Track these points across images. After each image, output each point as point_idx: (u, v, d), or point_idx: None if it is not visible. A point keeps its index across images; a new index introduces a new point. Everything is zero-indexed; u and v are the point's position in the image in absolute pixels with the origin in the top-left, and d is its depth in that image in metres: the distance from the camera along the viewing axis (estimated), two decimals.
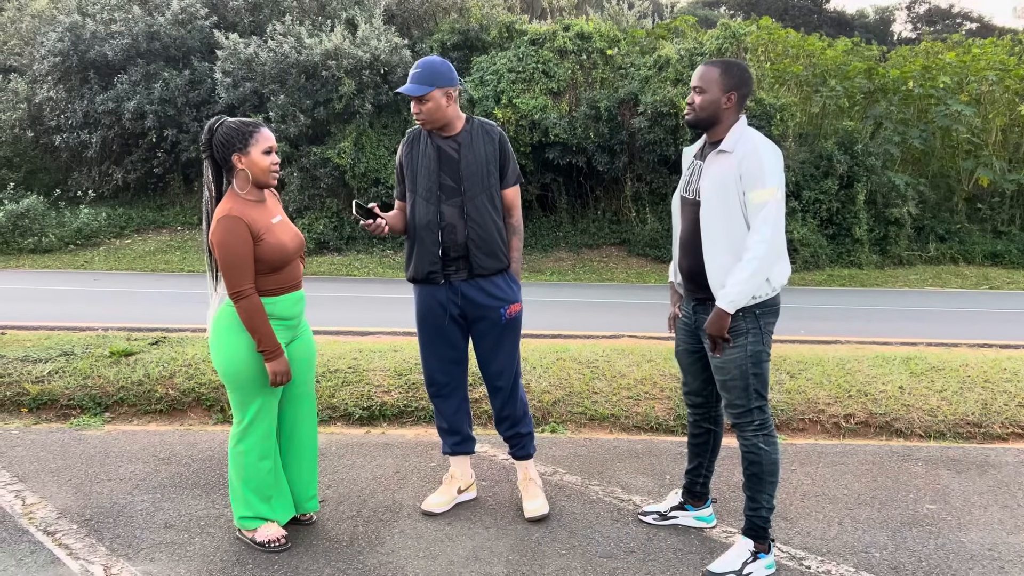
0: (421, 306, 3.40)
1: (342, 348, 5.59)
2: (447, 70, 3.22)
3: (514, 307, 3.38)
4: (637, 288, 12.62)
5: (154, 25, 15.67)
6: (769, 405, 3.00)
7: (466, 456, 3.60)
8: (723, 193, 2.87)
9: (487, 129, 3.34)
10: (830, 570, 3.03)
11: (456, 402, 3.52)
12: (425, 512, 3.46)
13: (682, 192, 3.11)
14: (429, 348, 3.45)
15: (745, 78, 2.94)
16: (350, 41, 14.53)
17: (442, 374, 3.47)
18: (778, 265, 2.89)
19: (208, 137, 2.99)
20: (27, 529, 3.21)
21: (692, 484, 3.36)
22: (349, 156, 14.31)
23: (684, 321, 3.19)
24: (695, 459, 3.33)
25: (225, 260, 2.89)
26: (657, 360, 5.45)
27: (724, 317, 2.83)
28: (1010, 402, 4.91)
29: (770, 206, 2.79)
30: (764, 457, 2.94)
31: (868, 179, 15.03)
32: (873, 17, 35.99)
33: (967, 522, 3.49)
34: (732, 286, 2.80)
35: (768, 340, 2.95)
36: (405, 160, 3.35)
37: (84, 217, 15.08)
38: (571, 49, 15.00)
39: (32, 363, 5.06)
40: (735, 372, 2.91)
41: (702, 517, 3.38)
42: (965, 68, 16.48)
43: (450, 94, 3.22)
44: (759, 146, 2.86)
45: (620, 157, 14.84)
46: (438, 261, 3.28)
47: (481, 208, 3.26)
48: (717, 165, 2.91)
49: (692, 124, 3.01)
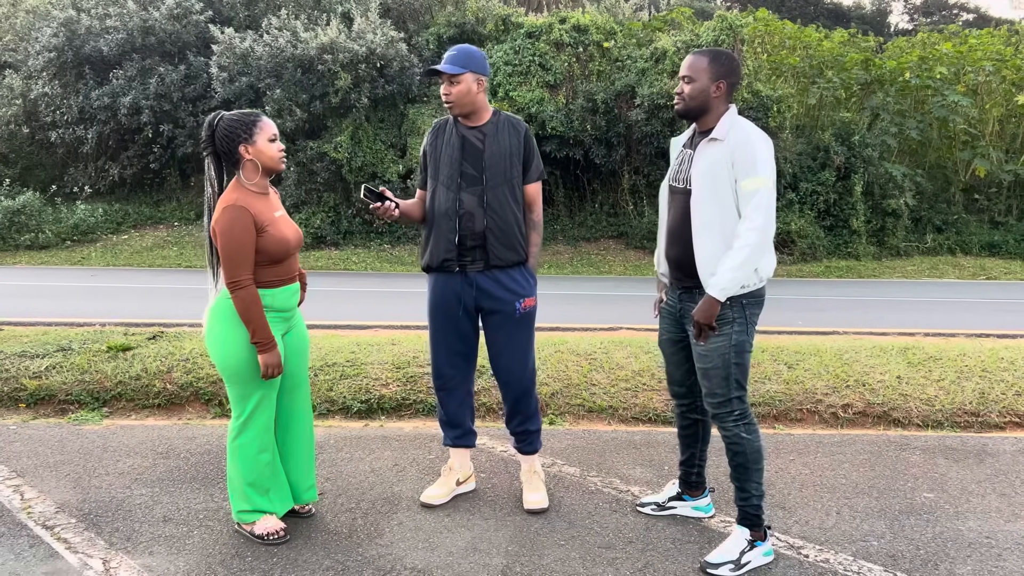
0: (434, 296, 3.38)
1: (340, 342, 5.58)
2: (481, 57, 3.27)
3: (528, 301, 3.35)
4: (634, 280, 12.63)
5: (149, 20, 15.62)
6: (747, 396, 3.00)
7: (466, 449, 3.60)
8: (714, 181, 2.86)
9: (513, 123, 3.35)
10: (828, 559, 3.04)
11: (460, 396, 3.51)
12: (424, 504, 3.46)
13: (671, 181, 3.09)
14: (439, 339, 3.43)
15: (733, 67, 2.94)
16: (346, 35, 14.49)
17: (450, 366, 3.44)
18: (766, 256, 2.88)
19: (209, 132, 2.98)
20: (26, 523, 3.21)
21: (687, 475, 3.37)
22: (346, 150, 14.29)
23: (668, 309, 3.18)
24: (687, 450, 3.34)
25: (226, 248, 2.88)
26: (655, 352, 5.45)
27: (714, 305, 2.82)
28: (1007, 391, 4.92)
29: (762, 194, 2.78)
30: (747, 446, 2.94)
31: (865, 170, 15.04)
32: (870, 8, 35.93)
33: (964, 510, 3.50)
34: (723, 273, 2.79)
35: (752, 331, 2.95)
36: (429, 149, 3.37)
37: (80, 213, 15.06)
38: (567, 42, 14.98)
39: (30, 358, 5.05)
40: (717, 360, 2.91)
41: (699, 507, 3.37)
42: (962, 59, 16.48)
43: (480, 81, 3.25)
44: (751, 135, 2.85)
45: (617, 150, 14.83)
46: (454, 249, 3.27)
47: (501, 199, 3.25)
48: (708, 153, 2.90)
49: (682, 114, 3.00)
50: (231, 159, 3.00)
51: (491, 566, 2.94)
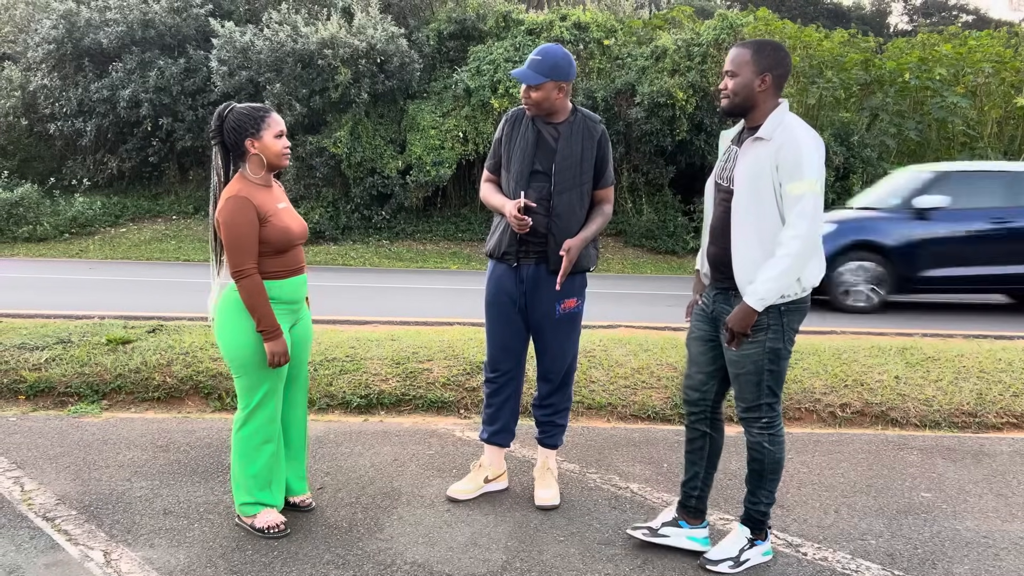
0: (491, 287, 3.40)
1: (339, 337, 5.59)
2: (567, 64, 3.19)
3: (568, 303, 3.33)
4: (633, 278, 12.64)
5: (149, 13, 15.58)
6: (780, 404, 2.89)
7: (501, 448, 3.57)
8: (756, 183, 2.72)
9: (590, 127, 3.28)
10: (827, 557, 3.05)
11: (507, 393, 3.49)
12: (450, 498, 3.45)
13: (716, 178, 2.95)
14: (492, 332, 3.44)
15: (780, 58, 2.75)
16: (346, 30, 14.47)
17: (500, 361, 3.44)
18: (811, 264, 2.73)
19: (218, 123, 3.01)
20: (26, 515, 3.21)
21: (687, 498, 3.11)
22: (345, 145, 14.27)
23: (702, 308, 3.02)
24: (691, 468, 3.10)
25: (230, 238, 2.91)
26: (654, 349, 5.46)
27: (751, 315, 2.70)
28: (1005, 392, 4.94)
29: (807, 199, 2.63)
30: (768, 456, 2.87)
31: (864, 171, 15.04)
32: (869, 9, 35.93)
33: (962, 510, 3.52)
34: (762, 283, 2.66)
35: (791, 339, 2.81)
36: (505, 138, 3.35)
37: (79, 206, 15.02)
38: (568, 39, 14.96)
39: (29, 350, 5.05)
40: (750, 367, 2.80)
41: (696, 538, 3.06)
42: (961, 60, 16.48)
43: (562, 87, 3.20)
44: (799, 135, 2.69)
45: (616, 148, 14.83)
46: (515, 243, 3.28)
47: (568, 204, 3.23)
48: (753, 152, 2.75)
49: (727, 111, 2.84)
50: (237, 151, 3.02)
51: (491, 561, 2.95)
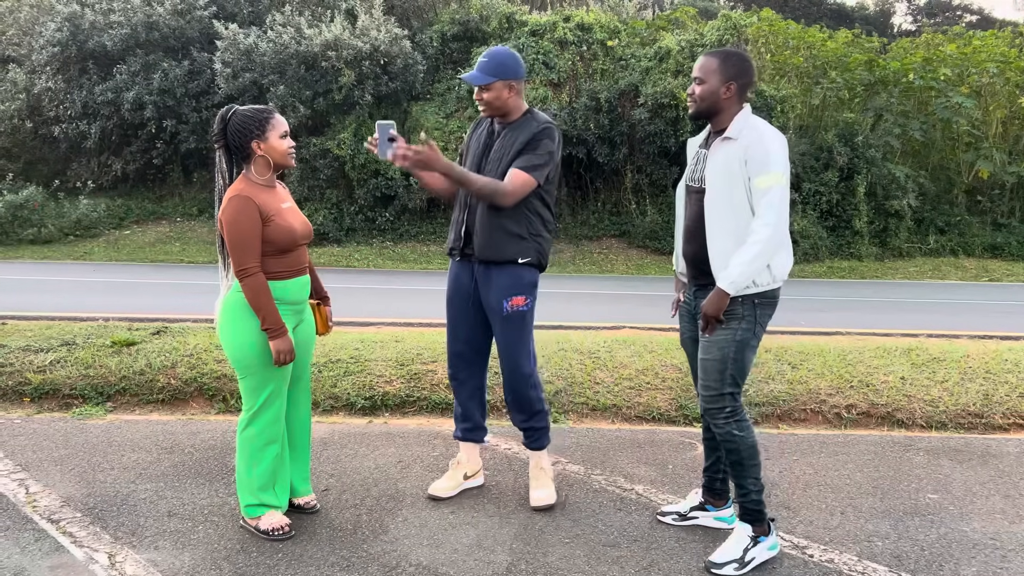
0: (450, 282, 3.46)
1: (343, 338, 5.58)
2: (513, 64, 3.26)
3: (516, 300, 3.31)
4: (637, 280, 12.63)
5: (153, 15, 15.61)
6: (742, 395, 2.99)
7: (475, 444, 3.60)
8: (728, 179, 2.87)
9: (531, 125, 3.27)
10: (833, 559, 3.04)
11: (470, 389, 3.52)
12: (431, 496, 3.47)
13: (687, 181, 3.11)
14: (451, 328, 3.49)
15: (744, 67, 2.93)
16: (350, 32, 14.48)
17: (458, 356, 3.48)
18: (780, 255, 2.88)
19: (222, 126, 3.01)
20: (31, 517, 3.21)
21: (711, 482, 3.28)
22: (349, 147, 14.29)
23: (686, 307, 3.20)
24: (711, 455, 3.26)
25: (233, 238, 2.92)
26: (658, 351, 5.45)
27: (724, 298, 2.82)
28: (1011, 393, 4.92)
29: (774, 191, 2.80)
30: (741, 443, 2.94)
31: (868, 171, 15.02)
32: (873, 9, 35.86)
33: (969, 511, 3.50)
34: (734, 267, 2.80)
35: (760, 332, 2.94)
36: (466, 142, 3.50)
37: (83, 208, 15.06)
38: (571, 40, 14.97)
39: (34, 353, 5.06)
40: (716, 353, 2.91)
41: (723, 518, 3.26)
42: (966, 60, 16.44)
43: (512, 86, 3.26)
44: (764, 133, 2.86)
45: (620, 148, 14.82)
46: (460, 239, 3.36)
47: None
48: (723, 151, 2.91)
49: (694, 116, 3.02)
50: (242, 153, 3.02)
51: (496, 563, 2.94)
